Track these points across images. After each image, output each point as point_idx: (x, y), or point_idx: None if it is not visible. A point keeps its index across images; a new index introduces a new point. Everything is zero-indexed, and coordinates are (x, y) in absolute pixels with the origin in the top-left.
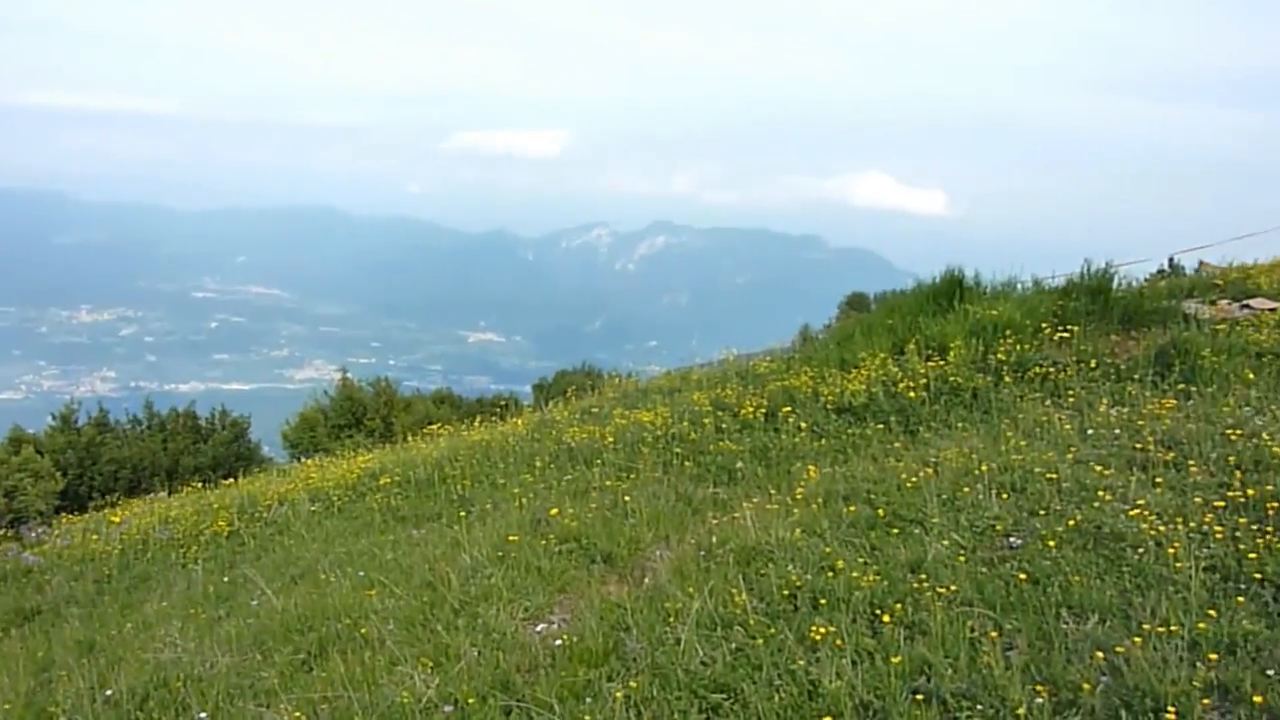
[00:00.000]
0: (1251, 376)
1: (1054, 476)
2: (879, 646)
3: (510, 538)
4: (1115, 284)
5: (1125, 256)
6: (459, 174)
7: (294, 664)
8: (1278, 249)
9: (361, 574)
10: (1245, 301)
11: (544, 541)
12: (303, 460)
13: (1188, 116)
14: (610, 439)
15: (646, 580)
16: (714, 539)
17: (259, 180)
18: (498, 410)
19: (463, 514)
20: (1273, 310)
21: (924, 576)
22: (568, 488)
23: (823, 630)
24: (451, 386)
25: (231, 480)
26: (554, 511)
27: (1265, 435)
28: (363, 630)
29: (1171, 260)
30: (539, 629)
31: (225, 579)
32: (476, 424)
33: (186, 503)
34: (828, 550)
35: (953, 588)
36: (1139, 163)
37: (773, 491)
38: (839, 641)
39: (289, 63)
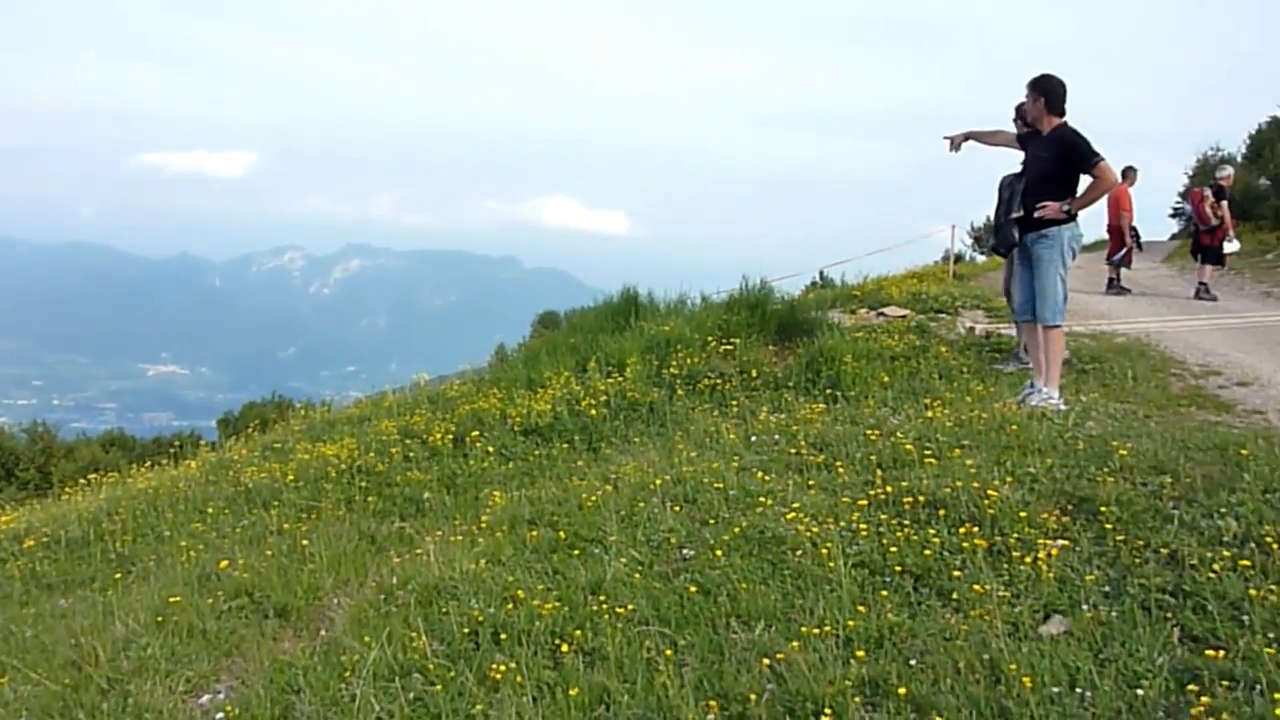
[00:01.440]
0: (886, 379)
1: (721, 486)
2: (559, 678)
3: (172, 599)
4: (771, 298)
5: (788, 272)
6: (140, 197)
7: None
8: (908, 261)
9: None
10: (881, 310)
11: (211, 599)
12: None
13: (836, 146)
14: (291, 477)
15: (323, 633)
16: (395, 579)
17: None
18: (173, 451)
19: (119, 575)
20: (903, 317)
21: (603, 598)
22: (242, 535)
23: (503, 668)
24: (127, 426)
25: None
26: (224, 564)
27: (899, 434)
28: None
29: (822, 274)
30: (202, 701)
31: None
32: (147, 468)
33: None
34: (510, 580)
35: (630, 607)
36: (796, 187)
37: (457, 522)
38: (519, 678)
39: None
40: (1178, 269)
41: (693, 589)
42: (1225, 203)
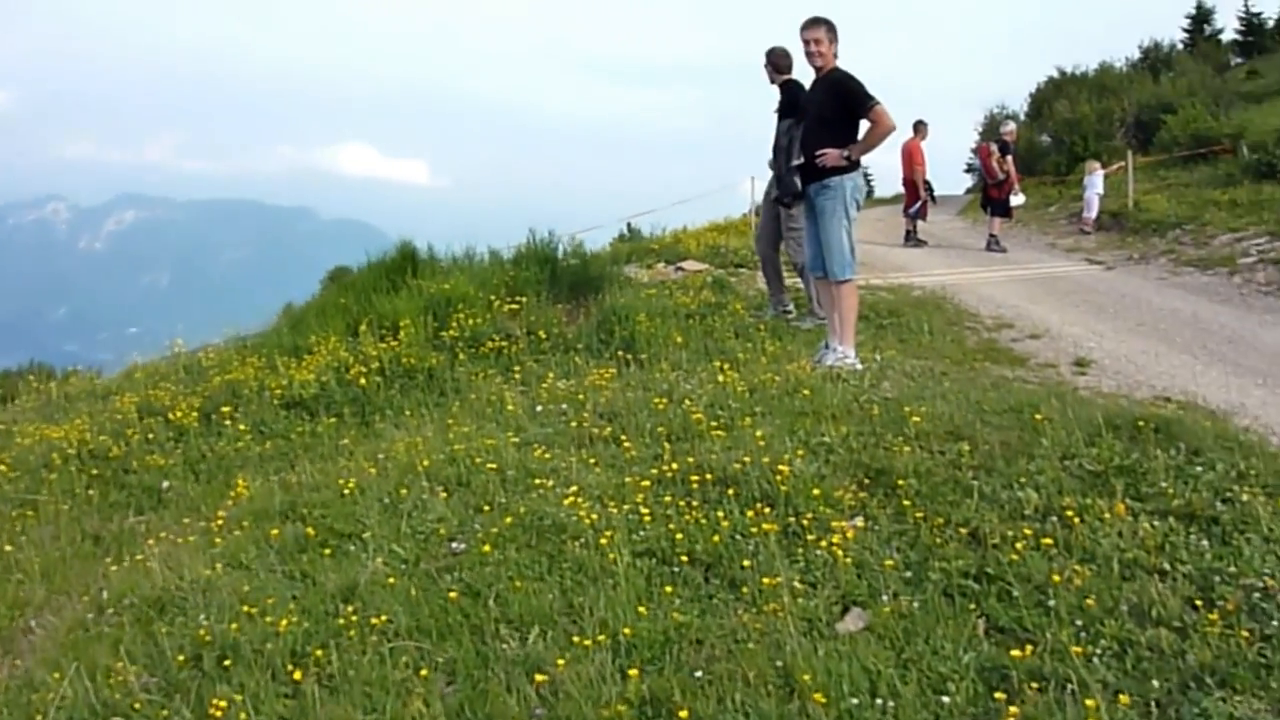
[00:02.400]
0: (680, 339)
1: (497, 465)
2: (297, 711)
3: None
4: (560, 253)
5: (599, 223)
6: None
7: None
8: (716, 213)
9: None
10: (679, 264)
11: None
12: None
13: (648, 98)
14: (5, 466)
15: (17, 663)
16: (109, 592)
17: None
18: None
19: None
20: (700, 272)
21: (354, 607)
22: None
23: (224, 703)
24: None
25: None
26: None
27: (689, 401)
28: None
29: (629, 226)
30: None
31: None
32: None
33: None
34: (248, 588)
35: (385, 617)
36: (609, 139)
37: (187, 521)
38: (244, 714)
39: None
40: (971, 222)
41: (454, 594)
42: (1010, 157)
